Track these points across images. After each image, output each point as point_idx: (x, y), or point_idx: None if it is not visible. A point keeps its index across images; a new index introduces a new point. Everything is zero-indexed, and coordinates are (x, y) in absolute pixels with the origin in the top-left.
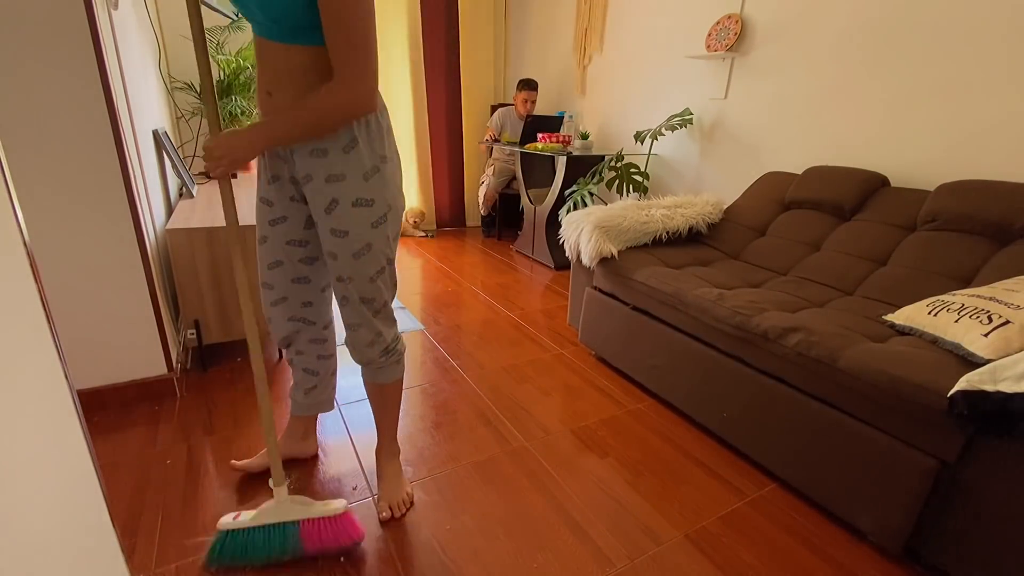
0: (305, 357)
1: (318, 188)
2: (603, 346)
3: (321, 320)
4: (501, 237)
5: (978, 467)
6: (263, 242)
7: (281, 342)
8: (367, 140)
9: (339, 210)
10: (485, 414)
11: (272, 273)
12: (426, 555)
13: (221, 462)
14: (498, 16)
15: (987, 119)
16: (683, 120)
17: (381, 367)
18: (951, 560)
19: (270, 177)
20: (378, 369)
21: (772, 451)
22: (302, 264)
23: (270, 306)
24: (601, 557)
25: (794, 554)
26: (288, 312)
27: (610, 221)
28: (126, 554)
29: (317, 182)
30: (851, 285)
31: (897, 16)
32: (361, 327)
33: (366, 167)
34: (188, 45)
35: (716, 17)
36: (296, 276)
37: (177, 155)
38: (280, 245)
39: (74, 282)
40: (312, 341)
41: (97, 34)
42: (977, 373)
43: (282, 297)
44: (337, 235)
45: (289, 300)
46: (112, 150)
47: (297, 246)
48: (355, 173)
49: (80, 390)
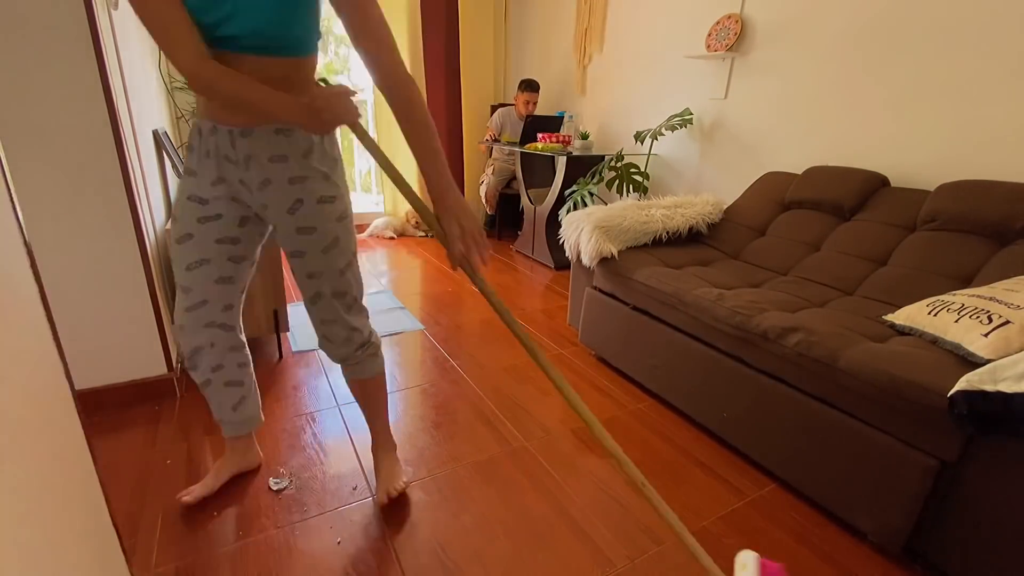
0: (225, 370)
1: (280, 190)
2: (603, 346)
3: (238, 325)
4: (501, 237)
5: (978, 467)
6: (185, 240)
7: (190, 357)
8: (322, 145)
9: (304, 208)
10: (485, 414)
11: (192, 275)
12: (426, 555)
13: None
14: (498, 16)
15: (988, 119)
16: (683, 120)
17: (359, 362)
18: (951, 560)
19: (215, 178)
20: (356, 365)
21: (772, 451)
22: (230, 263)
23: (184, 312)
24: (601, 557)
25: (794, 554)
26: (206, 318)
27: (610, 221)
28: (126, 554)
29: (278, 185)
30: (851, 285)
31: (897, 16)
32: (336, 323)
33: (324, 168)
34: None
35: (716, 17)
36: (221, 276)
37: (177, 155)
38: (209, 243)
39: (74, 282)
40: (231, 349)
41: (97, 34)
42: (977, 373)
43: (201, 301)
44: (304, 232)
45: (209, 304)
46: (112, 150)
47: (228, 243)
48: (316, 175)
49: (80, 390)
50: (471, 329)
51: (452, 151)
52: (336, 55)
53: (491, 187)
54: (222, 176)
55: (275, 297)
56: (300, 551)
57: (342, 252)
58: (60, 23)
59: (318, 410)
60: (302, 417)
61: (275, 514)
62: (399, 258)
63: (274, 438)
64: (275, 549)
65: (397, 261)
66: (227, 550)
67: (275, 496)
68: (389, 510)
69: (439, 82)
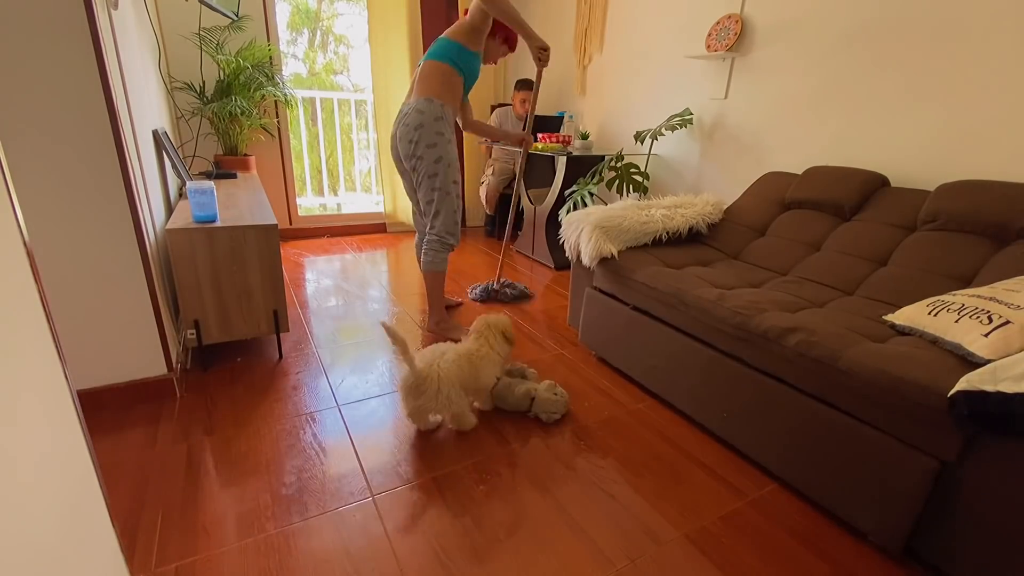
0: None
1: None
2: (603, 346)
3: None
4: (501, 237)
5: (978, 467)
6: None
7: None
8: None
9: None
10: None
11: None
12: (426, 555)
13: (221, 462)
14: None
15: (987, 119)
16: (683, 120)
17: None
18: (951, 560)
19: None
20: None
21: (772, 451)
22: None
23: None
24: (601, 557)
25: (794, 554)
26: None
27: (610, 221)
28: (126, 554)
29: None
30: (851, 285)
31: (897, 16)
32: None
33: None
34: (188, 45)
35: (716, 17)
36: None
37: (177, 155)
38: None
39: (74, 282)
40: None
41: (97, 34)
42: (977, 373)
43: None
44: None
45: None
46: (112, 150)
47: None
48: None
49: (80, 390)
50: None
51: None
52: (336, 55)
53: (491, 187)
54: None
55: (275, 297)
56: (300, 551)
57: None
58: (60, 23)
59: (318, 410)
60: (302, 417)
61: (275, 514)
62: (398, 258)
63: (274, 438)
64: (275, 549)
65: (397, 261)
66: (227, 550)
67: (275, 496)
68: (389, 510)
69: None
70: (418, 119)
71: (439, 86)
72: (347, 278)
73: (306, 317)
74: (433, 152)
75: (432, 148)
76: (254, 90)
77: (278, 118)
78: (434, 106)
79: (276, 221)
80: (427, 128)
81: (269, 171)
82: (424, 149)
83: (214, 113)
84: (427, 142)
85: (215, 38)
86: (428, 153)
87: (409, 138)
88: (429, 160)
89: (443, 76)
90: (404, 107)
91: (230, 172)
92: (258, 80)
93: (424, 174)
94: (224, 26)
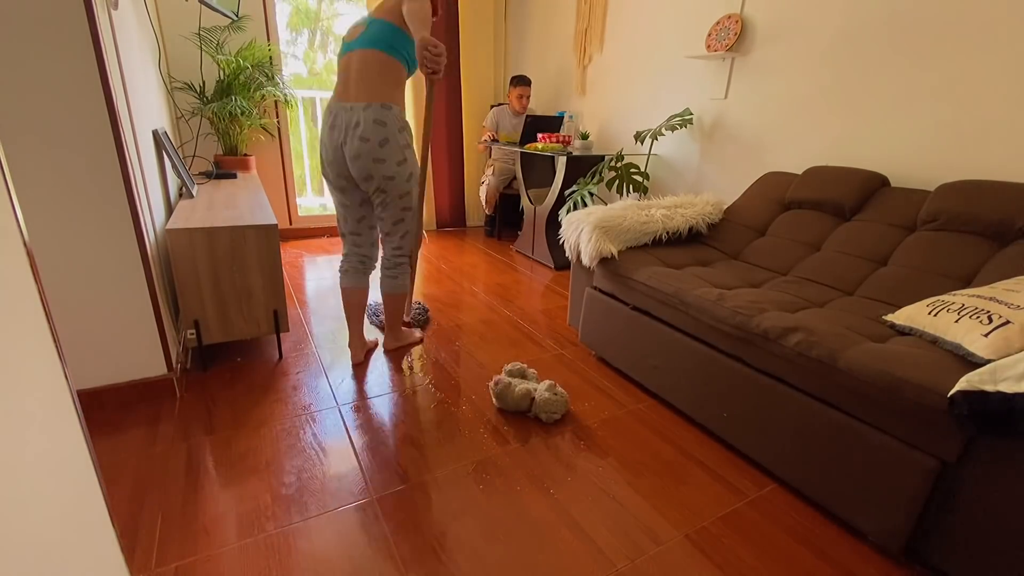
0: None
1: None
2: (603, 346)
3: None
4: (501, 237)
5: (978, 467)
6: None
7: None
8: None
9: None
10: (485, 414)
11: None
12: (426, 555)
13: (221, 462)
14: (498, 16)
15: (988, 119)
16: (683, 120)
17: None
18: (951, 560)
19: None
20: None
21: (772, 451)
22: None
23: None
24: (601, 557)
25: (794, 554)
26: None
27: (610, 221)
28: (126, 554)
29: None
30: (851, 285)
31: (897, 16)
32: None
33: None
34: (188, 45)
35: (716, 17)
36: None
37: (177, 155)
38: None
39: (74, 282)
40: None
41: (97, 34)
42: (977, 373)
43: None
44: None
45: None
46: (112, 150)
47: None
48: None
49: (80, 390)
50: (471, 329)
51: (452, 151)
52: (336, 55)
53: (491, 188)
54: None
55: (275, 297)
56: (300, 551)
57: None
58: (60, 23)
59: (318, 410)
60: (302, 417)
61: (275, 514)
62: None
63: (274, 438)
64: (275, 549)
65: None
66: (227, 550)
67: (275, 496)
68: (389, 510)
69: (439, 83)
70: (381, 132)
71: (394, 87)
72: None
73: (306, 317)
74: (404, 169)
75: (403, 165)
76: (254, 90)
77: (278, 118)
78: (394, 114)
79: (276, 221)
80: (393, 143)
81: (269, 171)
82: (395, 168)
83: (214, 113)
84: (397, 159)
85: (215, 38)
86: (400, 171)
87: (373, 156)
88: (401, 179)
89: (396, 74)
90: (344, 111)
91: (230, 172)
92: (258, 80)
93: (395, 194)
94: (224, 26)
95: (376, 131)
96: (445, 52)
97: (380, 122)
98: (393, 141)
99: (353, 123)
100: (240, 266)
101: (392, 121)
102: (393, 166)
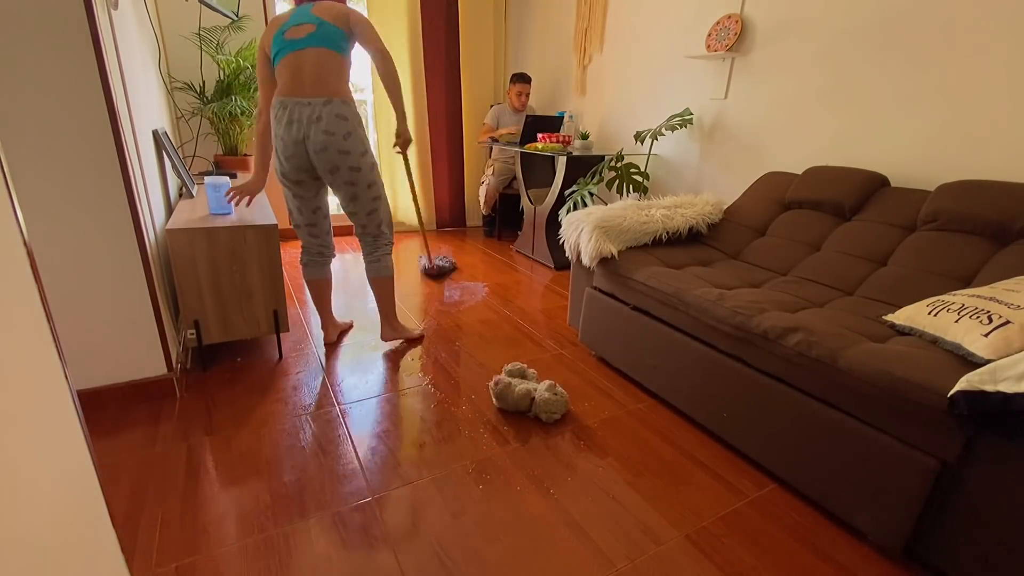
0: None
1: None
2: (603, 346)
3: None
4: (501, 237)
5: (978, 467)
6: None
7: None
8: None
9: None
10: (485, 414)
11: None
12: (426, 555)
13: (221, 462)
14: (498, 16)
15: (987, 119)
16: (683, 120)
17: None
18: (951, 560)
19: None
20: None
21: (772, 451)
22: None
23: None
24: (601, 557)
25: (794, 554)
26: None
27: (610, 221)
28: (126, 554)
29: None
30: (851, 285)
31: (897, 16)
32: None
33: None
34: (188, 45)
35: (716, 17)
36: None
37: (177, 155)
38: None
39: (74, 282)
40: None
41: (97, 34)
42: (977, 373)
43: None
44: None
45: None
46: (112, 150)
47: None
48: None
49: (80, 390)
50: (471, 329)
51: (452, 151)
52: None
53: (491, 188)
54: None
55: (275, 297)
56: (300, 551)
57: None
58: (60, 23)
59: (318, 410)
60: (302, 417)
61: (275, 514)
62: (398, 260)
63: (274, 438)
64: (275, 549)
65: (396, 262)
66: (227, 550)
67: (275, 496)
68: (389, 510)
69: (439, 82)
70: (344, 126)
71: (346, 83)
72: (347, 278)
73: (306, 317)
74: (367, 159)
75: (365, 155)
76: (254, 90)
77: None
78: (352, 108)
79: (276, 221)
80: (355, 135)
81: (269, 171)
82: (359, 159)
83: (214, 113)
84: (360, 150)
85: (215, 38)
86: (364, 162)
87: (339, 148)
88: (367, 168)
89: (347, 71)
90: (301, 107)
91: (230, 172)
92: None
93: (364, 184)
94: (224, 26)
95: (340, 125)
96: (411, 141)
97: (342, 116)
98: (355, 134)
99: (314, 117)
100: (240, 266)
101: (352, 116)
102: (357, 157)
